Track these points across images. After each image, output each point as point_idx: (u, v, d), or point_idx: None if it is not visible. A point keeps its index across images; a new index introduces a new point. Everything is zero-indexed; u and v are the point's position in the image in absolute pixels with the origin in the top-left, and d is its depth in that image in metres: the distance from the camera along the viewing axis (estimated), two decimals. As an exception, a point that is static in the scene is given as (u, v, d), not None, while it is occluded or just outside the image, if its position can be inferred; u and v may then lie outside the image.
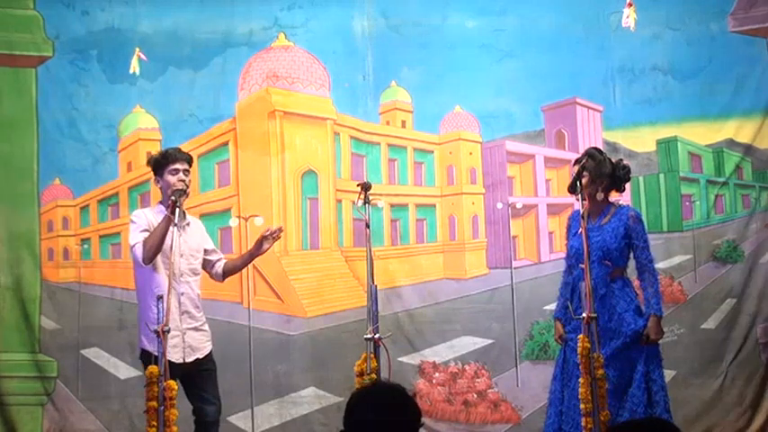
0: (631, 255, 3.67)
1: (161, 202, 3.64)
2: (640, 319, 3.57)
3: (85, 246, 5.12)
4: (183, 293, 3.56)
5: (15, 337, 4.88)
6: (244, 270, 4.94)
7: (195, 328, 3.62)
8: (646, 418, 1.81)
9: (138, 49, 4.99)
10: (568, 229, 3.75)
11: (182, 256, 3.51)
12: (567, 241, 3.77)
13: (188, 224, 3.61)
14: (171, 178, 3.55)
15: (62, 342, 4.94)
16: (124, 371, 4.87)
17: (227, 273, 3.83)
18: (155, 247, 3.45)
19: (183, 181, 3.53)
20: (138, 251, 3.48)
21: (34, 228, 5.01)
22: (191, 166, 3.64)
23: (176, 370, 3.40)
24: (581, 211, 3.49)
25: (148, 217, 3.58)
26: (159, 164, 3.58)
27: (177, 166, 3.55)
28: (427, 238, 5.12)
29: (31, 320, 4.92)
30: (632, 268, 3.73)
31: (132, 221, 3.59)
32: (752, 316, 4.82)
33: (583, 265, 3.49)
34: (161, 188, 3.62)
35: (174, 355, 3.46)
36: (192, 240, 3.64)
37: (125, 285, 5.00)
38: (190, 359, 3.57)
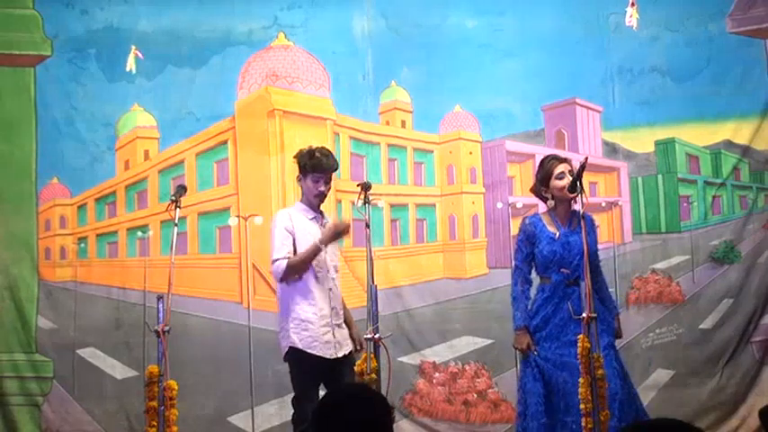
0: None
1: (302, 201, 3.71)
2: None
3: (82, 245, 5.09)
4: (330, 289, 3.62)
5: (12, 336, 4.85)
6: (244, 270, 4.98)
7: (339, 325, 3.66)
8: (662, 418, 1.80)
9: (134, 48, 4.98)
10: (532, 235, 3.64)
11: (325, 252, 3.58)
12: (525, 248, 3.65)
13: (327, 222, 3.69)
14: (312, 186, 3.63)
15: (58, 342, 4.91)
16: (121, 371, 4.85)
17: None
18: (299, 272, 3.53)
19: (323, 191, 3.63)
20: (280, 270, 3.53)
21: (32, 227, 4.98)
22: (334, 172, 3.70)
23: (325, 366, 3.48)
24: (540, 217, 3.65)
25: (293, 218, 3.62)
26: (305, 168, 3.64)
27: (319, 175, 3.62)
28: (427, 238, 5.12)
29: (27, 320, 4.88)
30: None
31: (275, 227, 3.60)
32: (749, 316, 4.84)
33: (564, 270, 3.55)
34: (302, 187, 3.70)
35: (327, 351, 3.55)
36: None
37: (122, 284, 4.99)
38: (340, 354, 3.61)
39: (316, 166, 3.61)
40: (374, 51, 4.99)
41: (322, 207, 3.73)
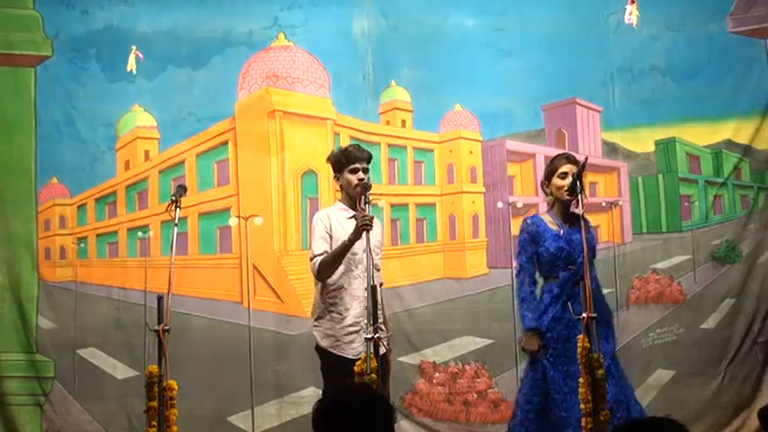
0: None
1: (341, 200, 3.70)
2: None
3: (82, 245, 5.10)
4: (365, 288, 3.52)
5: (13, 337, 4.86)
6: (244, 270, 4.98)
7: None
8: (652, 417, 1.79)
9: (134, 48, 4.98)
10: (536, 233, 3.62)
11: (364, 250, 3.50)
12: (530, 247, 3.63)
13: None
14: (351, 177, 3.60)
15: (59, 342, 4.92)
16: (122, 371, 4.86)
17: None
18: (333, 267, 3.52)
19: (363, 179, 3.58)
20: (315, 268, 3.54)
21: (32, 227, 4.99)
22: (370, 162, 3.66)
23: (351, 365, 3.36)
24: (541, 217, 3.64)
25: (330, 218, 3.62)
26: (340, 163, 3.63)
27: (356, 165, 3.60)
28: (427, 238, 5.12)
29: (28, 320, 4.90)
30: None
31: (314, 227, 3.63)
32: (750, 316, 4.83)
33: (572, 267, 3.54)
34: (341, 186, 3.67)
35: (351, 351, 3.51)
36: (374, 236, 3.56)
37: (122, 284, 4.99)
38: None
39: (350, 157, 3.61)
40: (374, 51, 4.99)
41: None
